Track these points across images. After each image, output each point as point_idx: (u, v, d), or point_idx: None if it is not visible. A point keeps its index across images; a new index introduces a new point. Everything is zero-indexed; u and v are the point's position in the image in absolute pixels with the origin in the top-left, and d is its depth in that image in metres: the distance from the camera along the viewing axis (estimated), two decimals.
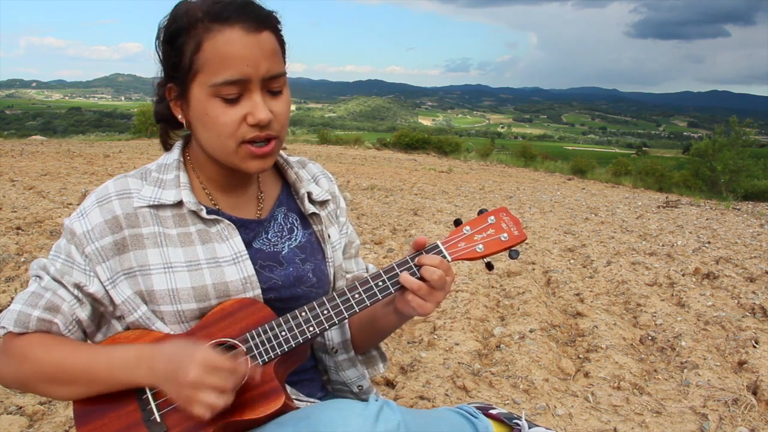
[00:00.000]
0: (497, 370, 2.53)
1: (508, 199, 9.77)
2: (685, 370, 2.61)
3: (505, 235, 1.11)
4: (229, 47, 0.97)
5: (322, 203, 1.26)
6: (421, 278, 1.07)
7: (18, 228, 4.66)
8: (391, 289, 1.08)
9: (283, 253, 1.16)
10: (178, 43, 1.01)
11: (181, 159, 1.14)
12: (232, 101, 1.00)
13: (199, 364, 0.91)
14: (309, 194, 1.22)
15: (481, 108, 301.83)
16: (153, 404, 1.01)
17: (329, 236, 1.24)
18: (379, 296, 1.08)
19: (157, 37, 1.05)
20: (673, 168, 25.40)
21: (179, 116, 1.08)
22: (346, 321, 1.27)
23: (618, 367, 2.60)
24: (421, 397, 2.26)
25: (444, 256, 1.10)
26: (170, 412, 1.00)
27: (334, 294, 1.08)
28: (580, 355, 2.85)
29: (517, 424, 1.24)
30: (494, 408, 1.26)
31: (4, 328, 1.04)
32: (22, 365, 1.03)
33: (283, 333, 1.04)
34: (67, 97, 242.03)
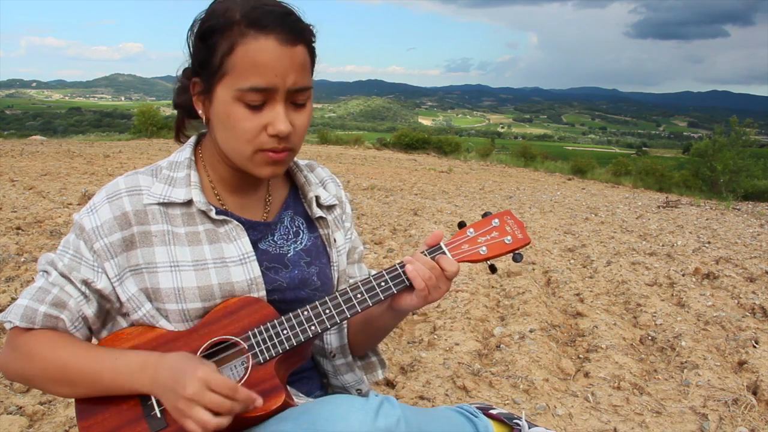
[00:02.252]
0: (497, 370, 2.53)
1: (508, 199, 9.77)
2: (685, 370, 2.61)
3: (509, 238, 1.12)
4: (262, 55, 0.97)
5: (329, 207, 1.26)
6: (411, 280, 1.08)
7: (18, 228, 4.66)
8: (394, 289, 1.08)
9: (289, 255, 1.17)
10: (211, 41, 1.01)
11: (193, 158, 1.15)
12: (255, 108, 1.00)
13: (199, 380, 0.91)
14: (317, 198, 1.23)
15: (481, 108, 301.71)
16: (154, 400, 1.01)
17: (335, 240, 1.24)
18: (381, 296, 1.08)
19: (191, 29, 1.05)
20: (673, 168, 25.39)
21: (200, 111, 1.09)
22: (346, 324, 1.28)
23: (618, 367, 2.60)
24: (421, 397, 2.26)
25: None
26: None
27: (336, 293, 1.08)
28: (580, 355, 2.85)
29: (518, 424, 1.24)
30: (494, 408, 1.26)
31: (10, 322, 1.04)
32: (27, 363, 1.04)
33: (285, 331, 1.05)
34: (67, 97, 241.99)
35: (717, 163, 23.11)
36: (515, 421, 1.24)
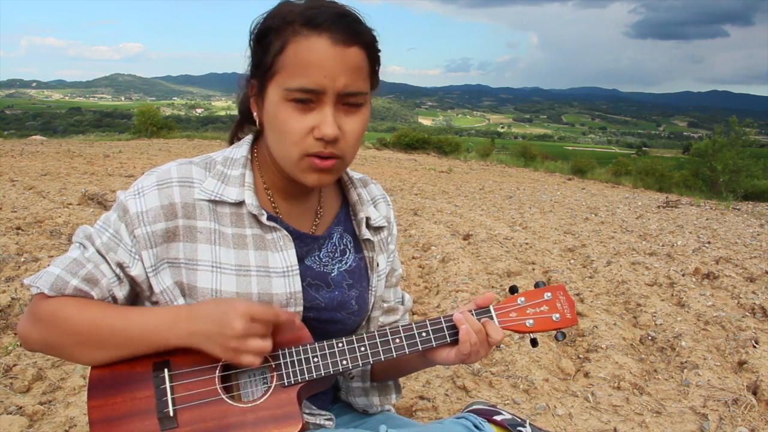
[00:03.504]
0: (497, 370, 2.53)
1: (508, 199, 9.77)
2: (685, 370, 2.61)
3: (558, 315, 1.11)
4: (311, 55, 0.95)
5: (377, 229, 1.22)
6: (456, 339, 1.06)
7: (18, 228, 4.65)
8: (433, 343, 1.07)
9: (332, 275, 1.14)
10: (266, 40, 0.99)
11: (249, 157, 1.11)
12: (304, 109, 0.97)
13: (242, 315, 0.93)
14: (367, 219, 1.19)
15: (481, 108, 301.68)
16: (169, 397, 0.99)
17: (377, 264, 1.21)
18: (420, 347, 1.07)
19: (251, 32, 1.03)
20: (673, 168, 25.38)
21: (255, 113, 1.06)
22: None
23: (618, 367, 2.60)
24: (421, 397, 2.26)
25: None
26: (185, 409, 0.99)
27: (375, 333, 1.06)
28: (580, 355, 2.85)
29: None
30: (498, 413, 1.25)
31: (38, 288, 1.01)
32: (51, 327, 1.00)
33: (316, 360, 1.03)
34: (67, 97, 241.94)
35: (717, 163, 23.10)
36: (519, 428, 1.22)
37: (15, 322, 2.68)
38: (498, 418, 1.23)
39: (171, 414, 0.98)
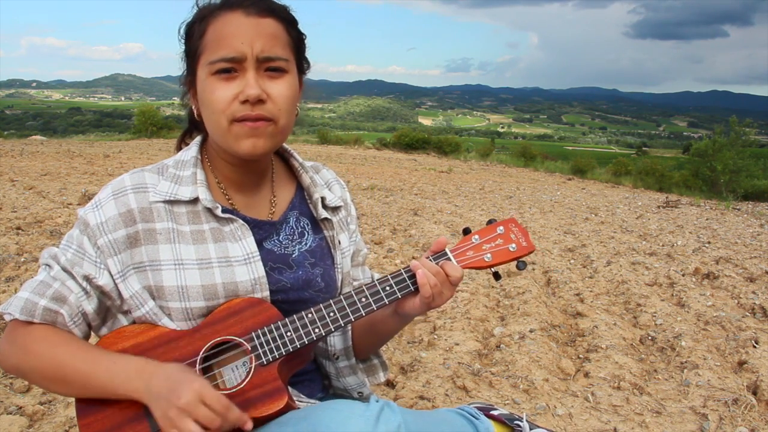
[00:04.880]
0: (497, 370, 2.53)
1: (508, 199, 9.77)
2: (685, 370, 2.61)
3: (514, 245, 1.12)
4: (227, 27, 1.02)
5: (334, 209, 1.26)
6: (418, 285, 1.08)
7: (18, 228, 4.65)
8: (398, 294, 1.08)
9: (294, 256, 1.17)
10: (190, 32, 1.08)
11: (199, 156, 1.15)
12: (228, 79, 1.02)
13: (194, 392, 0.91)
14: (322, 199, 1.23)
15: (481, 108, 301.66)
16: None
17: (339, 242, 1.24)
18: (386, 300, 1.08)
19: (180, 34, 1.10)
20: (673, 168, 25.39)
21: (193, 107, 1.12)
22: (350, 327, 1.27)
23: (618, 367, 2.60)
24: (421, 397, 2.26)
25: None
26: None
27: (341, 296, 1.08)
28: (580, 355, 2.85)
29: (518, 425, 1.24)
30: (495, 409, 1.26)
31: (10, 314, 1.04)
32: (24, 357, 1.03)
33: (289, 333, 1.04)
34: (67, 97, 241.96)
35: (717, 163, 23.09)
36: (516, 422, 1.23)
37: None
38: (495, 412, 1.24)
39: None
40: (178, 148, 1.21)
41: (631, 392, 2.39)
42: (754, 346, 2.80)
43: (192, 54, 1.07)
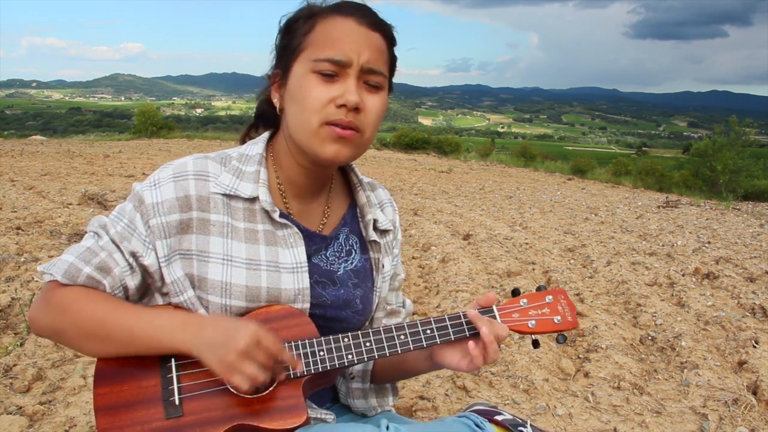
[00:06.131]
0: (497, 370, 2.53)
1: (508, 199, 9.77)
2: (685, 370, 2.61)
3: (559, 317, 1.13)
4: (340, 30, 1.03)
5: (383, 232, 1.25)
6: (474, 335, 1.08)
7: (18, 228, 4.65)
8: (438, 340, 1.08)
9: (339, 273, 1.16)
10: (294, 26, 1.07)
11: (264, 154, 1.14)
12: (328, 81, 1.02)
13: (252, 335, 0.93)
14: (374, 221, 1.22)
15: (481, 108, 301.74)
16: (176, 386, 1.00)
17: (383, 266, 1.23)
18: (424, 344, 1.08)
19: (280, 25, 1.10)
20: (673, 168, 25.38)
21: (275, 100, 1.11)
22: None
23: (618, 367, 2.60)
24: (421, 397, 2.26)
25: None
26: (190, 398, 0.99)
27: (380, 329, 1.07)
28: (580, 355, 2.85)
29: None
30: (499, 413, 1.25)
31: (51, 275, 1.02)
32: (61, 315, 1.01)
33: (322, 353, 1.04)
34: (67, 97, 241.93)
35: (717, 163, 23.08)
36: (520, 428, 1.22)
37: (15, 322, 2.68)
38: (499, 418, 1.23)
39: (177, 402, 0.99)
40: (242, 141, 1.20)
41: (631, 392, 2.39)
42: (754, 346, 2.80)
43: (292, 48, 1.05)
